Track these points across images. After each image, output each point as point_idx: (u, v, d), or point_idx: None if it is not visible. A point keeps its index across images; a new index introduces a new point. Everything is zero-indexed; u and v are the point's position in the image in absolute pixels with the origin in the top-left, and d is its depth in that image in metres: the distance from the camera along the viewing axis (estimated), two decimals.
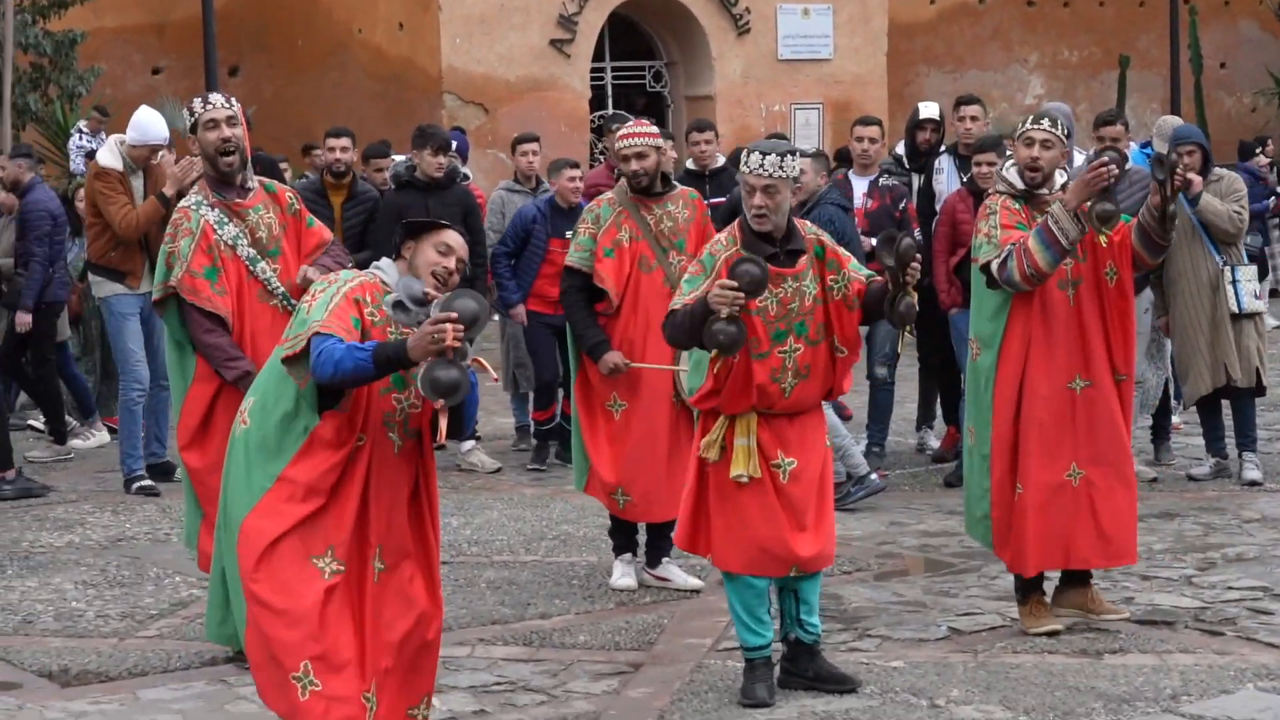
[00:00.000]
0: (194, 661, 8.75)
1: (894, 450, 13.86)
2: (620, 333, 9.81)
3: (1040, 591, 8.99)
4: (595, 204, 10.02)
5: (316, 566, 6.58)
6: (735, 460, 7.93)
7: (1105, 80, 31.65)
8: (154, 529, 11.76)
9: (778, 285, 7.89)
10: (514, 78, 25.24)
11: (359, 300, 6.59)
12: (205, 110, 8.78)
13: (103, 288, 12.86)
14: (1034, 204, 8.82)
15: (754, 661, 8.03)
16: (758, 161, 7.85)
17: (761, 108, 26.56)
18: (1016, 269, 8.56)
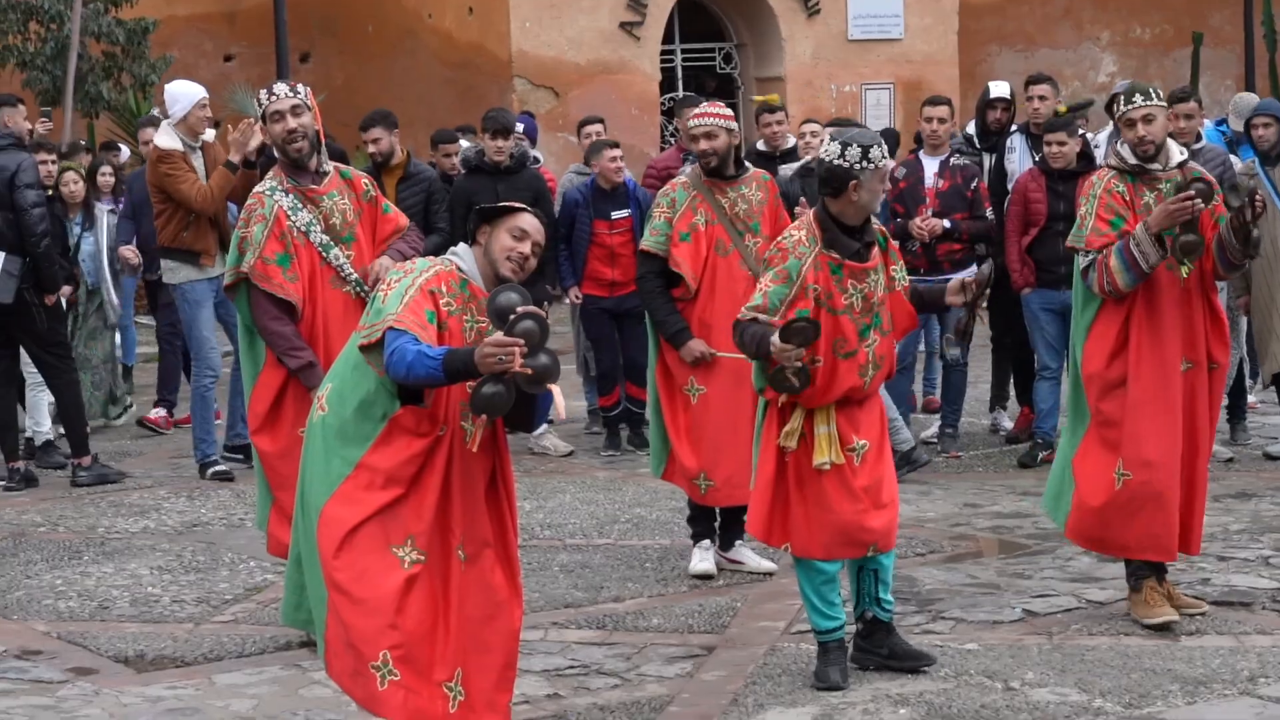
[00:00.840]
0: (268, 646, 8.79)
1: (967, 431, 13.81)
2: (697, 317, 9.79)
3: (1154, 579, 8.81)
4: (670, 188, 10.00)
5: (396, 555, 6.57)
6: (818, 448, 7.92)
7: (1178, 58, 31.40)
8: (228, 514, 11.82)
9: (861, 280, 7.89)
10: (584, 61, 25.23)
11: (434, 292, 6.57)
12: (270, 101, 8.81)
13: (176, 273, 12.86)
14: (1144, 180, 8.70)
15: (827, 645, 8.02)
16: (857, 156, 7.79)
17: (832, 88, 26.47)
18: (1096, 283, 8.52)
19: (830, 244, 7.88)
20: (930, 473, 12.52)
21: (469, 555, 6.69)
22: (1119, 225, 8.56)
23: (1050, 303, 12.61)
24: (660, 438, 9.96)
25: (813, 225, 7.94)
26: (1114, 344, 8.61)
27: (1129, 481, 8.60)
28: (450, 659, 6.63)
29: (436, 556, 6.64)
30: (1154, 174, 8.69)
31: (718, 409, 9.76)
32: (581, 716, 7.66)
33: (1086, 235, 8.59)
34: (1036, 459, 12.63)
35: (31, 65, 23.54)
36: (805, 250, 7.89)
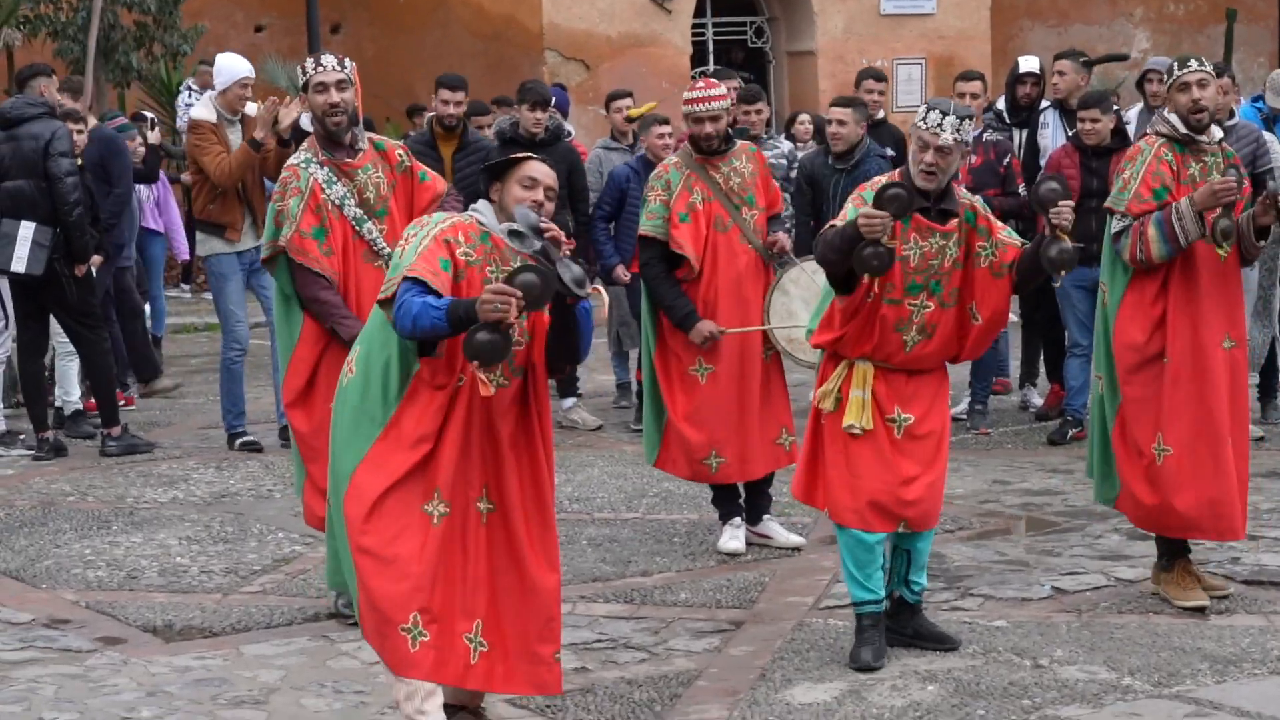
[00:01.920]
0: (297, 617, 8.80)
1: (997, 408, 13.78)
2: (701, 295, 9.75)
3: (1186, 559, 8.77)
4: (662, 170, 9.94)
5: (426, 513, 6.58)
6: (849, 411, 7.90)
7: (1211, 34, 31.26)
8: (257, 485, 11.84)
9: (925, 238, 7.83)
10: (615, 34, 25.19)
11: (449, 241, 6.59)
12: (316, 73, 8.78)
13: (205, 245, 12.86)
14: (1191, 150, 8.62)
15: (862, 619, 7.99)
16: (936, 120, 7.77)
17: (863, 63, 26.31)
18: (1129, 249, 8.43)
19: None
20: (960, 449, 12.47)
21: (490, 508, 6.69)
22: (1163, 195, 8.47)
23: (1082, 279, 12.55)
24: (654, 424, 9.93)
25: (897, 174, 7.96)
26: (1151, 317, 8.54)
27: (1169, 458, 8.53)
28: (470, 610, 6.63)
29: (459, 507, 6.64)
30: (1201, 145, 8.62)
31: (727, 386, 9.73)
32: (609, 690, 7.66)
33: (1128, 200, 8.51)
34: (1066, 436, 12.60)
35: (63, 35, 23.54)
36: (870, 195, 7.83)
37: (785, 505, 10.52)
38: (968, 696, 7.45)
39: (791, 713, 7.33)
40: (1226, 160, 8.59)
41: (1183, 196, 8.45)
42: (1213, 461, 8.51)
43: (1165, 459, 8.52)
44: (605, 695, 7.60)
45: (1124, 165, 8.69)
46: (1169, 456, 8.51)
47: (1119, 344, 8.60)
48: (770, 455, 9.83)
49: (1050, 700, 7.37)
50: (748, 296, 9.74)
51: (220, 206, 12.68)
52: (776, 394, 9.85)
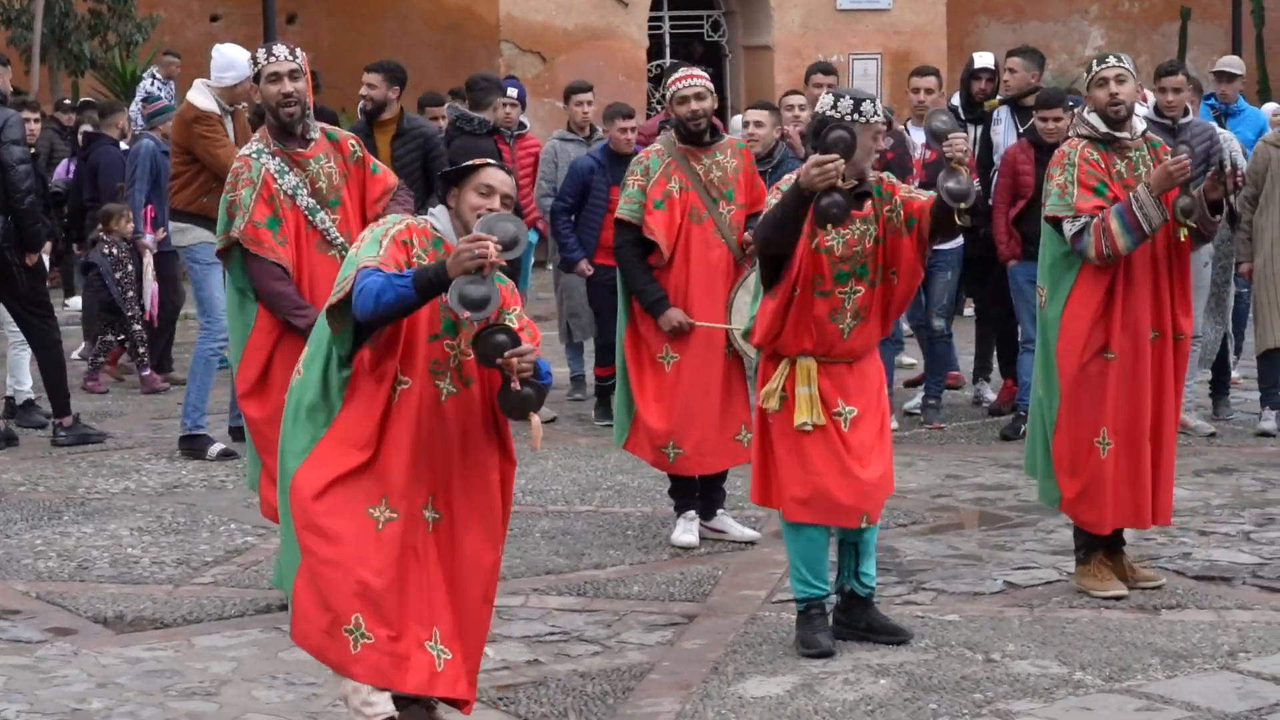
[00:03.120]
0: (248, 609, 8.78)
1: (950, 403, 13.81)
2: (672, 284, 9.76)
3: (1103, 551, 8.88)
4: (644, 155, 9.96)
5: (371, 516, 6.55)
6: (799, 408, 7.90)
7: (1166, 32, 31.39)
8: (209, 476, 11.79)
9: (846, 226, 7.84)
10: (572, 26, 25.17)
11: (406, 243, 6.56)
12: (269, 62, 8.74)
13: (188, 235, 12.45)
14: (1113, 149, 8.70)
15: (810, 608, 8.01)
16: (849, 107, 7.80)
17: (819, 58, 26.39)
18: (1094, 246, 8.47)
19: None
20: (912, 444, 12.52)
21: (442, 514, 6.67)
22: (1103, 192, 8.56)
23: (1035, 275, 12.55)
24: (625, 408, 9.93)
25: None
26: (1095, 314, 8.60)
27: (1112, 450, 8.62)
28: (427, 618, 6.60)
29: (408, 514, 6.61)
30: (1123, 142, 8.69)
31: (690, 376, 9.74)
32: (561, 683, 7.65)
33: (1074, 202, 8.56)
34: (1019, 431, 12.62)
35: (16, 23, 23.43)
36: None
37: (739, 499, 10.53)
38: (920, 690, 7.46)
39: (744, 706, 7.33)
40: (1153, 150, 8.67)
41: (1115, 191, 8.52)
42: (1135, 454, 8.65)
43: (1109, 452, 8.61)
44: (558, 688, 7.59)
45: (1052, 171, 8.73)
46: (1111, 450, 8.61)
47: (1065, 345, 8.64)
48: (729, 451, 9.83)
49: (1002, 694, 7.39)
50: (717, 290, 9.75)
51: (215, 200, 12.24)
52: (738, 391, 9.86)
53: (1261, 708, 7.15)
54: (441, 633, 6.63)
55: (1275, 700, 7.23)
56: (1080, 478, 8.70)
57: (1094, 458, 8.66)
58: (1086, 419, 8.66)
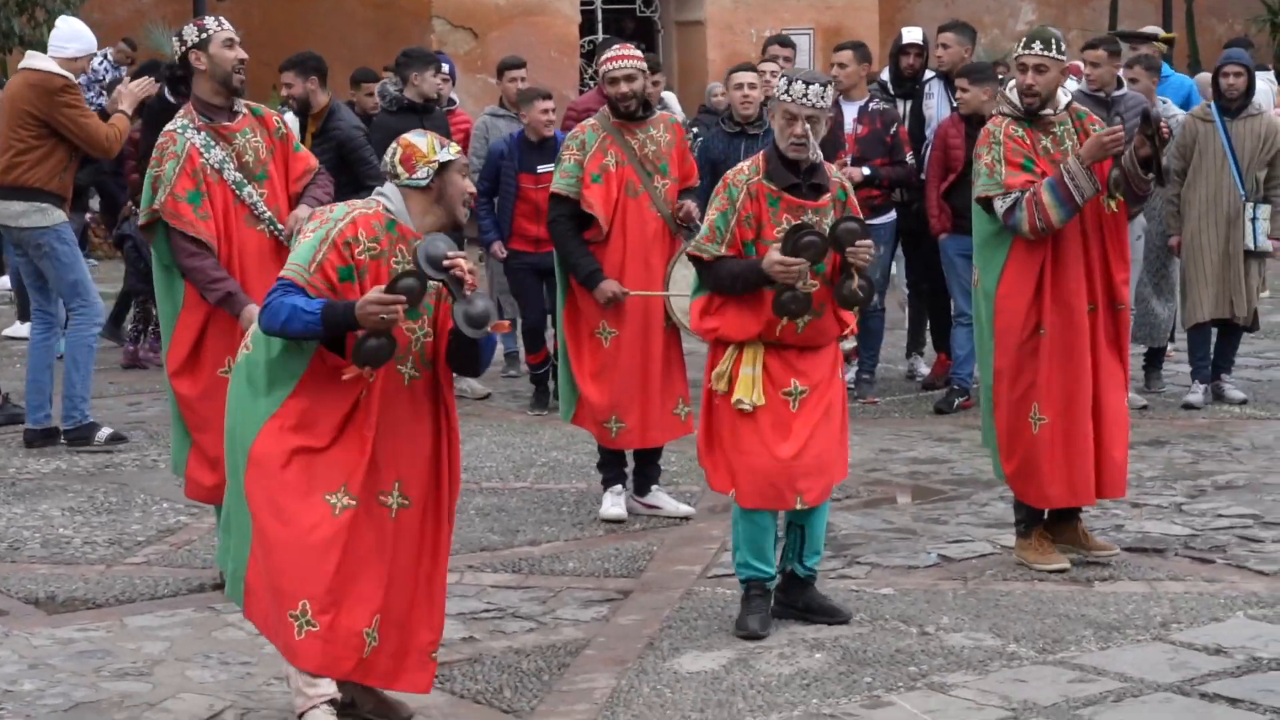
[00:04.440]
0: (181, 588, 8.73)
1: (884, 377, 13.84)
2: (608, 259, 9.75)
3: (1043, 524, 8.90)
4: (579, 130, 9.95)
5: (328, 502, 6.50)
6: (739, 387, 7.87)
7: (1096, 6, 31.48)
8: (141, 455, 11.73)
9: (797, 216, 7.86)
10: (504, 2, 25.08)
11: (350, 242, 6.51)
12: (221, 30, 8.68)
13: (49, 215, 11.79)
14: (1038, 126, 8.71)
15: (751, 588, 8.01)
16: (800, 91, 7.82)
17: (752, 33, 26.37)
18: (1026, 220, 8.47)
19: (770, 175, 7.88)
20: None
21: (406, 502, 6.64)
22: (1030, 167, 8.58)
23: (967, 249, 12.46)
24: (569, 383, 9.92)
25: (760, 158, 7.98)
26: (1029, 292, 8.61)
27: (1045, 426, 8.64)
28: (372, 607, 6.58)
29: (369, 502, 6.58)
30: (1046, 118, 8.71)
31: (630, 351, 9.74)
32: (496, 660, 7.64)
33: (1003, 179, 8.58)
34: (953, 405, 12.68)
35: None
36: (744, 179, 7.92)
37: (673, 475, 10.55)
38: (855, 664, 7.48)
39: (679, 681, 7.33)
40: (1078, 122, 8.70)
41: (1043, 167, 8.54)
42: (1073, 431, 8.64)
43: (1041, 428, 8.62)
44: (493, 665, 7.58)
45: (979, 151, 8.76)
46: (1044, 426, 8.62)
47: (1002, 322, 8.65)
48: (669, 425, 9.84)
49: (937, 667, 7.41)
50: (654, 264, 9.75)
51: (70, 177, 11.87)
52: (676, 365, 9.88)
53: (1194, 678, 7.19)
54: (381, 620, 6.59)
55: (1207, 670, 7.28)
56: (1017, 454, 8.73)
57: (1027, 434, 8.68)
58: (1020, 396, 8.68)
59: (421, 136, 6.68)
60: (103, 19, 25.29)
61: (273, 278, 7.89)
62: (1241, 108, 12.56)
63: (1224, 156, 12.42)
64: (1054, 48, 8.69)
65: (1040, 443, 8.65)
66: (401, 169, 6.63)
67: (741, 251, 7.86)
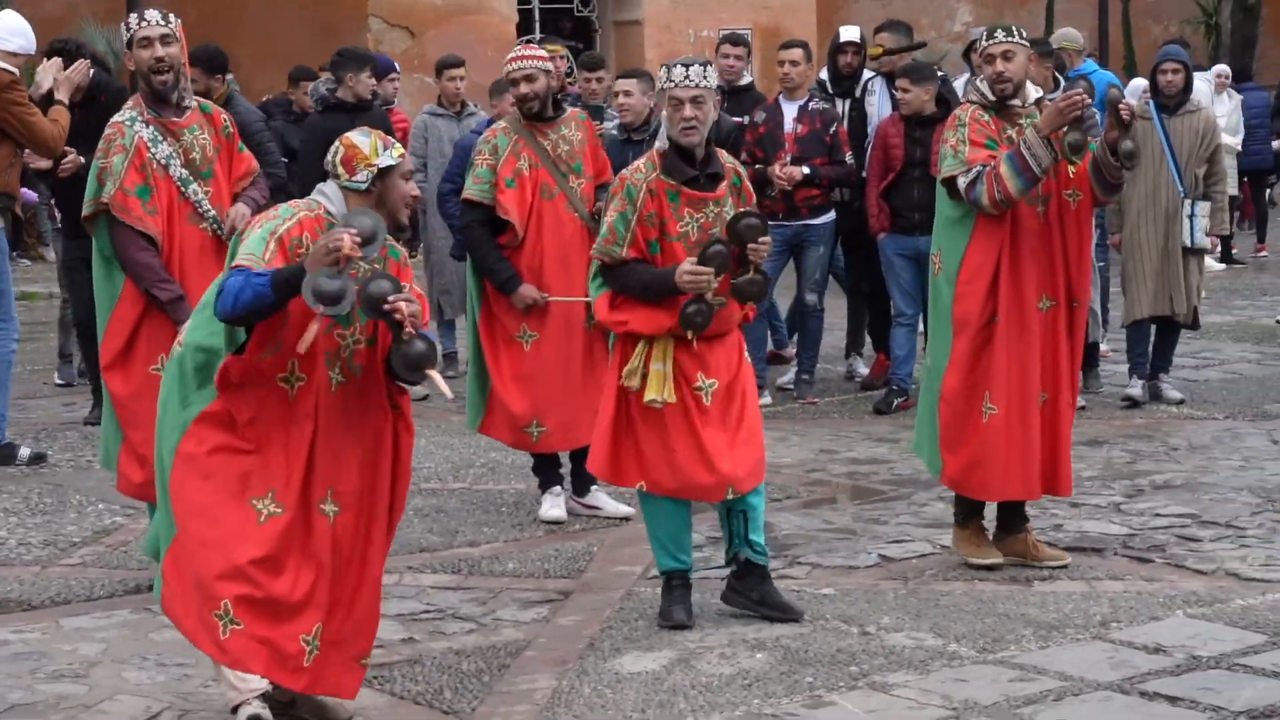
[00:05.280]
0: (117, 590, 8.67)
1: (823, 377, 13.85)
2: (525, 262, 9.71)
3: (981, 518, 8.92)
4: (490, 134, 9.89)
5: (254, 507, 6.45)
6: (650, 385, 7.87)
7: (1033, 8, 31.60)
8: (76, 456, 11.64)
9: (698, 209, 7.87)
10: (440, 1, 25.02)
11: (295, 242, 6.45)
12: (140, 28, 8.63)
13: None
14: (1005, 115, 8.72)
15: (672, 579, 8.02)
16: (681, 74, 7.84)
17: (690, 33, 26.40)
18: (986, 193, 8.46)
19: (667, 170, 7.89)
20: (786, 419, 12.55)
21: (342, 507, 6.59)
22: (993, 147, 8.56)
23: (905, 249, 12.65)
24: (478, 390, 9.87)
25: (655, 154, 7.97)
26: (986, 283, 8.60)
27: (994, 416, 8.62)
28: (311, 614, 6.53)
29: (300, 510, 6.52)
30: (1014, 109, 8.71)
31: (551, 354, 9.71)
32: (436, 661, 7.61)
33: (966, 156, 8.55)
34: (892, 405, 12.69)
35: None
36: (641, 177, 7.91)
37: None
38: (796, 664, 7.47)
39: (620, 681, 7.31)
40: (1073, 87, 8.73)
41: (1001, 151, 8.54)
42: (1023, 424, 8.63)
43: (990, 418, 8.62)
44: (433, 666, 7.54)
45: (946, 135, 8.75)
46: (994, 415, 8.62)
47: (960, 311, 8.63)
48: (592, 424, 9.79)
49: (877, 666, 7.41)
50: (573, 264, 9.70)
51: (13, 175, 11.54)
52: (600, 363, 9.82)
53: (1133, 676, 7.20)
54: (323, 628, 6.55)
55: (1147, 669, 7.29)
56: (965, 444, 8.70)
57: (977, 423, 8.67)
58: (972, 385, 8.66)
59: (365, 136, 6.62)
60: (33, 14, 25.05)
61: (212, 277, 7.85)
62: (1180, 104, 12.61)
63: (1162, 154, 12.47)
64: (1015, 33, 8.72)
65: (990, 432, 8.63)
66: (342, 169, 6.58)
67: (645, 251, 7.87)
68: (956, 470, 8.77)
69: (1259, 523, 9.52)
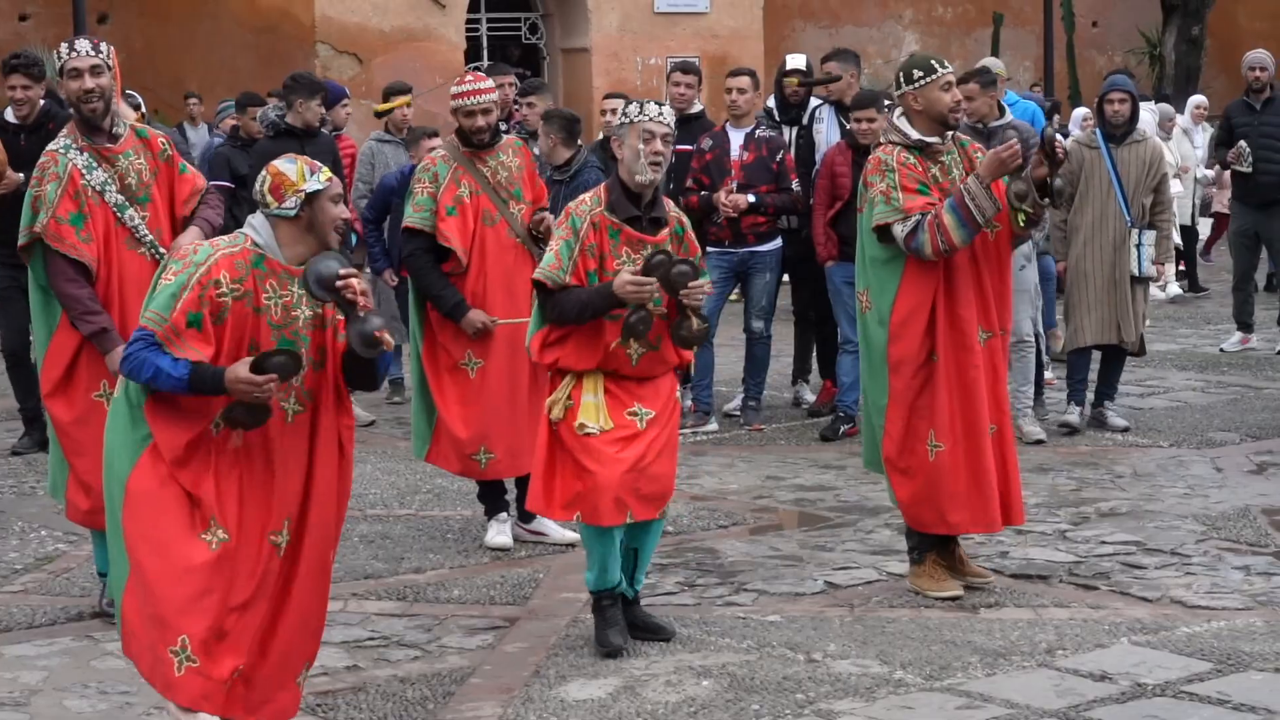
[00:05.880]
0: (60, 617, 8.61)
1: (770, 404, 13.85)
2: (470, 288, 9.69)
3: (937, 552, 8.91)
4: (429, 162, 9.88)
5: (203, 540, 6.40)
6: (583, 412, 7.93)
7: (979, 37, 31.78)
8: (19, 482, 11.57)
9: (637, 250, 7.97)
10: (388, 28, 25.00)
11: (216, 283, 6.38)
12: (70, 58, 8.57)
13: None
14: (927, 154, 8.74)
15: (602, 599, 8.08)
16: (656, 111, 7.99)
17: (637, 61, 26.45)
18: (929, 243, 8.47)
19: (611, 207, 7.95)
20: (733, 445, 12.55)
21: (292, 537, 6.55)
22: (926, 192, 8.59)
23: (852, 276, 12.59)
24: (424, 418, 9.85)
25: (603, 189, 8.05)
26: (922, 320, 8.62)
27: (941, 454, 8.63)
28: (244, 645, 6.48)
29: (250, 540, 6.47)
30: (934, 147, 8.75)
31: (496, 380, 9.69)
32: (381, 688, 7.57)
33: (901, 204, 8.58)
34: (839, 432, 12.69)
35: None
36: (586, 210, 8.00)
37: None
38: (742, 691, 7.45)
39: (566, 709, 7.28)
40: (963, 150, 8.76)
41: (935, 194, 8.56)
42: (976, 458, 8.64)
43: (938, 455, 8.62)
44: (377, 693, 7.51)
45: (871, 180, 8.73)
46: (941, 453, 8.62)
47: (896, 350, 8.64)
48: None
49: (824, 694, 7.40)
50: (516, 289, 9.68)
51: None
52: (545, 389, 9.80)
53: (1079, 704, 7.21)
54: (270, 662, 6.52)
55: (1092, 697, 7.30)
56: (914, 480, 8.72)
57: (924, 462, 8.68)
58: (915, 422, 8.69)
59: (291, 164, 6.58)
60: None
61: None
62: (1127, 134, 12.67)
63: (1110, 183, 12.53)
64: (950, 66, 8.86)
65: (940, 470, 8.64)
66: (270, 198, 6.53)
67: (585, 281, 7.93)
68: (904, 504, 8.79)
69: (1204, 550, 9.55)
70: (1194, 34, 30.72)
